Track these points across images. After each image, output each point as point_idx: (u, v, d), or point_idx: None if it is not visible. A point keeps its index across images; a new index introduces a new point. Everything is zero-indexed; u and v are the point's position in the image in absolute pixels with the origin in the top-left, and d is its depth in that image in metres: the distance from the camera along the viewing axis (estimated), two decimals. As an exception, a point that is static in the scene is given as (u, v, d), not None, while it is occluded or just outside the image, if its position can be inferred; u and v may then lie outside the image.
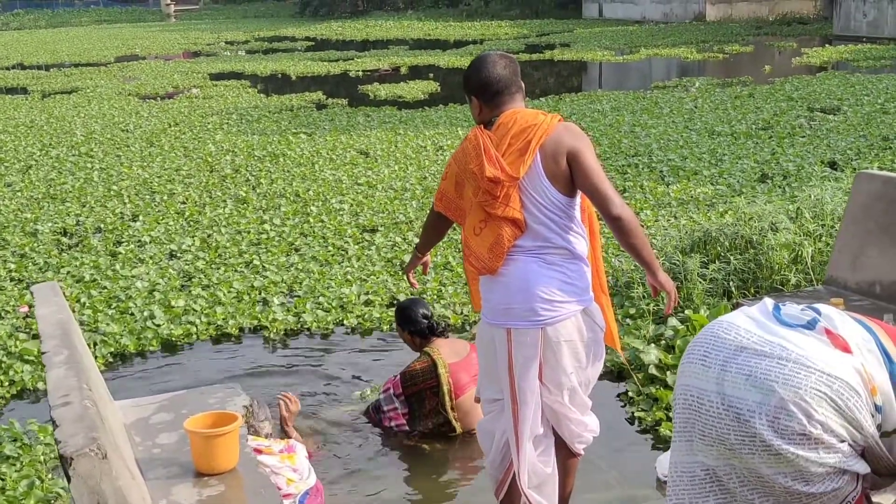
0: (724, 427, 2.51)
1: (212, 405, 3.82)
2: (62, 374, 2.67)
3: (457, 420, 4.67)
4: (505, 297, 3.37)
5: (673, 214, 8.12)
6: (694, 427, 2.60)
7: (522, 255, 3.36)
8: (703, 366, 2.58)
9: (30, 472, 4.29)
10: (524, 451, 3.47)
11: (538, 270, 3.33)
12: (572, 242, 3.39)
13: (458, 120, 13.89)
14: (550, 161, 3.31)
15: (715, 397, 2.53)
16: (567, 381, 3.44)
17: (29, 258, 7.73)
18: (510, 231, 3.32)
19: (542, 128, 3.32)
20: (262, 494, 3.24)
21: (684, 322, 5.51)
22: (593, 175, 3.29)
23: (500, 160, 3.31)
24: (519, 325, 3.35)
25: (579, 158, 3.29)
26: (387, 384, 4.83)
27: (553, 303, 3.32)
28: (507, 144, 3.34)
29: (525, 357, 3.36)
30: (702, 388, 2.56)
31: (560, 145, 3.31)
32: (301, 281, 6.98)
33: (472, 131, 3.44)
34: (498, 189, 3.30)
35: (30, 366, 5.66)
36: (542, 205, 3.33)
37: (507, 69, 3.45)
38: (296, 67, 22.83)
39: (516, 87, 3.46)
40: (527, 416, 3.42)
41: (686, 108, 13.96)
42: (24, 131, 14.21)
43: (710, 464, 2.59)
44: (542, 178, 3.32)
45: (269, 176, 10.44)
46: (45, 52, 29.86)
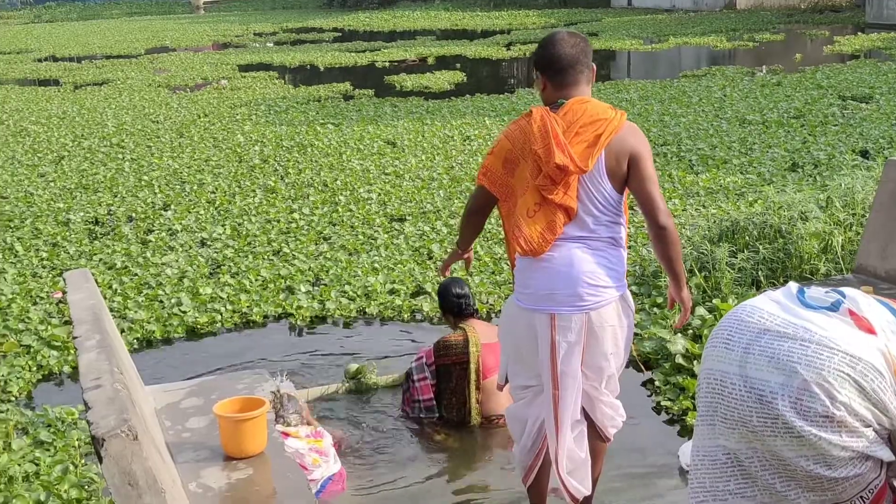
0: (746, 409, 2.51)
1: (240, 390, 3.87)
2: (94, 358, 2.72)
3: (478, 402, 4.69)
4: (548, 283, 3.37)
5: (702, 203, 8.08)
6: (716, 410, 2.60)
7: (565, 241, 3.37)
8: (726, 349, 2.58)
9: (63, 457, 4.36)
10: (563, 436, 3.48)
11: (582, 256, 3.35)
12: (614, 232, 3.43)
13: (485, 110, 13.88)
14: (612, 159, 3.34)
15: (737, 379, 2.53)
16: (607, 367, 3.47)
17: (61, 246, 7.84)
18: (562, 217, 3.35)
19: (613, 124, 3.34)
20: (290, 478, 3.28)
21: (712, 311, 5.49)
22: (649, 182, 3.35)
23: (569, 148, 3.31)
24: (563, 310, 3.35)
25: (640, 163, 3.35)
26: (420, 353, 4.88)
27: (597, 287, 3.35)
28: (575, 133, 3.34)
29: (569, 343, 3.37)
30: (725, 370, 2.57)
31: (625, 145, 3.34)
32: (328, 269, 7.02)
33: (535, 111, 3.42)
34: (562, 176, 3.31)
35: (57, 351, 5.75)
36: (595, 198, 3.36)
37: (576, 48, 3.44)
38: (323, 58, 22.88)
39: (583, 66, 3.45)
40: (568, 401, 3.43)
41: (715, 96, 13.87)
42: (56, 122, 14.36)
43: (731, 447, 2.59)
44: (601, 173, 3.35)
45: (296, 166, 10.49)
46: (77, 45, 30.11)
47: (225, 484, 3.23)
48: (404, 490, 4.26)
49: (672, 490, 4.13)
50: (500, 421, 4.70)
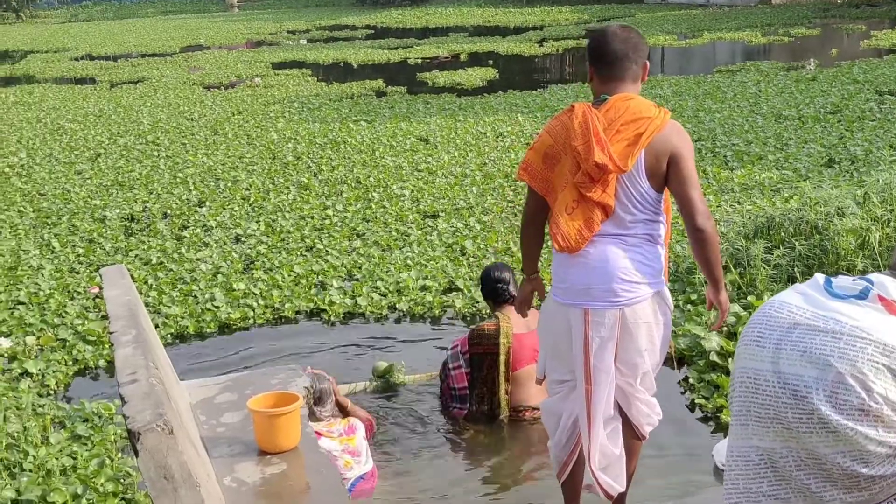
0: (781, 406, 2.48)
1: (274, 386, 3.89)
2: (130, 353, 2.74)
3: (507, 393, 4.68)
4: (584, 278, 3.36)
5: (737, 200, 8.02)
6: (750, 409, 2.57)
7: (602, 237, 3.36)
8: (757, 346, 2.55)
9: (100, 451, 4.40)
10: (596, 432, 3.47)
11: (617, 252, 3.34)
12: (651, 229, 3.40)
13: (518, 106, 13.84)
14: (653, 158, 3.31)
15: (771, 376, 2.50)
16: (642, 364, 3.44)
17: (97, 243, 7.92)
18: (600, 215, 3.33)
19: (655, 123, 3.31)
20: (323, 473, 3.30)
21: (747, 308, 5.45)
22: (689, 183, 3.30)
23: (609, 146, 3.29)
24: (597, 305, 3.34)
25: (680, 164, 3.31)
26: (455, 342, 4.90)
27: (632, 284, 3.33)
28: (616, 131, 3.31)
29: (602, 338, 3.36)
30: (757, 368, 2.54)
31: (666, 145, 3.31)
32: (360, 265, 7.05)
33: (576, 107, 3.40)
34: (601, 175, 3.29)
35: (92, 346, 5.82)
36: (634, 197, 3.34)
37: (625, 43, 3.42)
38: (356, 56, 22.95)
39: (631, 62, 3.42)
40: (600, 397, 3.42)
41: (750, 92, 13.74)
42: (93, 120, 14.51)
43: (765, 447, 2.56)
44: (640, 173, 3.32)
45: (329, 163, 10.53)
46: (113, 43, 30.40)
47: (259, 479, 3.25)
48: (434, 486, 4.27)
49: (706, 488, 4.10)
50: (527, 413, 4.69)
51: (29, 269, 7.24)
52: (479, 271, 6.72)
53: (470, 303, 6.26)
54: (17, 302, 6.58)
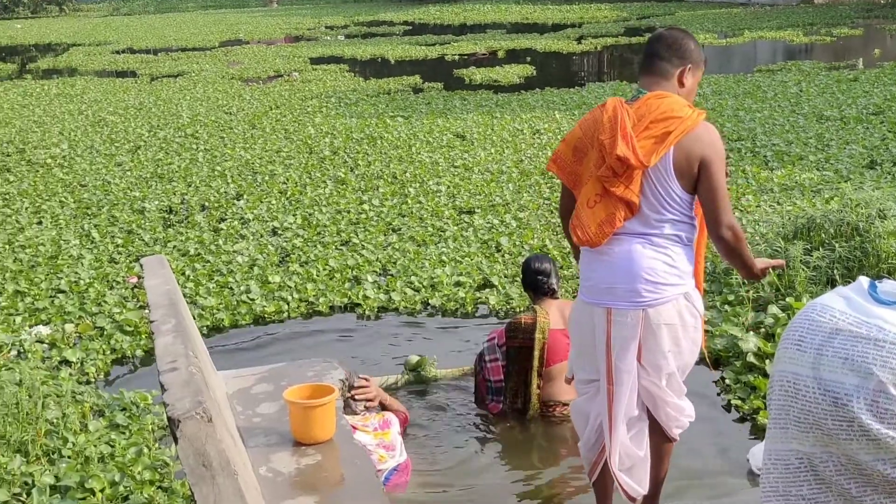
0: (820, 412, 2.45)
1: (310, 378, 3.91)
2: (170, 342, 2.77)
3: (539, 388, 4.67)
4: (608, 277, 3.33)
5: (776, 200, 7.94)
6: (789, 413, 2.54)
7: (628, 236, 3.32)
8: (798, 350, 2.52)
9: (138, 440, 4.45)
10: (617, 432, 3.44)
11: (643, 251, 3.29)
12: (680, 229, 3.35)
13: (555, 104, 13.81)
14: (682, 158, 3.27)
15: (811, 382, 2.47)
16: (666, 365, 3.39)
17: (136, 234, 8.01)
18: (623, 212, 3.29)
19: (686, 123, 3.26)
20: (358, 465, 3.31)
21: (785, 310, 5.39)
22: (716, 191, 3.28)
23: (634, 141, 3.25)
24: (620, 305, 3.31)
25: (710, 169, 3.27)
26: (491, 334, 4.88)
27: (656, 284, 3.28)
28: (645, 127, 3.27)
29: (623, 338, 3.33)
30: (797, 372, 2.50)
31: (697, 146, 3.27)
32: (395, 260, 7.06)
33: (609, 102, 3.38)
34: (623, 169, 3.27)
35: (129, 336, 5.88)
36: (662, 196, 3.30)
37: (665, 42, 3.43)
38: (394, 51, 23.00)
39: (667, 61, 3.41)
40: (621, 397, 3.39)
41: (791, 91, 13.61)
42: (133, 113, 14.66)
43: (805, 451, 2.53)
44: (669, 172, 3.28)
45: (366, 158, 10.56)
46: (154, 37, 30.70)
47: (294, 469, 3.27)
48: (465, 482, 4.26)
49: (741, 491, 4.06)
50: (557, 408, 4.68)
51: (69, 259, 7.33)
52: (514, 268, 6.71)
53: (504, 300, 6.25)
54: (58, 290, 6.67)
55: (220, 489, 2.21)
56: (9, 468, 3.97)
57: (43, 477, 3.93)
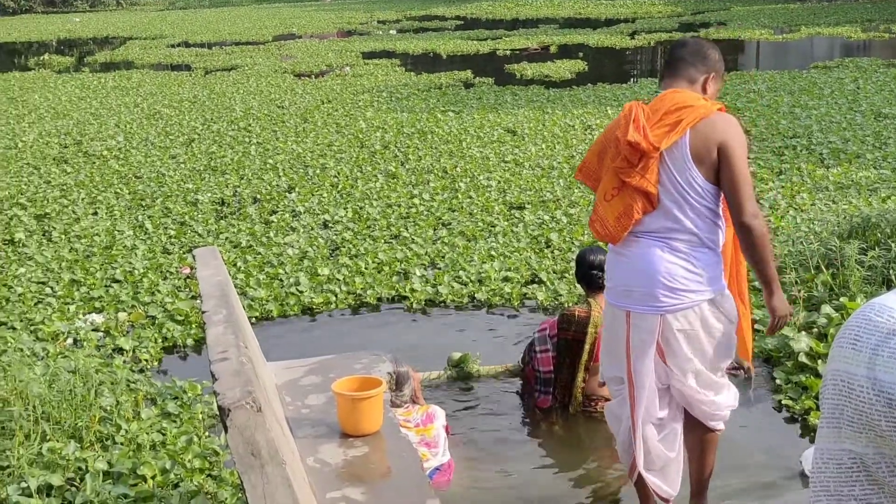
0: (874, 413, 2.41)
1: (358, 370, 3.94)
2: (221, 332, 2.80)
3: (584, 381, 4.65)
4: (626, 279, 3.33)
5: (831, 199, 7.82)
6: (843, 413, 2.50)
7: (647, 237, 3.29)
8: (853, 349, 2.48)
9: (189, 428, 4.51)
10: (640, 433, 3.44)
11: (661, 255, 3.25)
12: (703, 230, 3.28)
13: (607, 99, 13.72)
14: (700, 144, 3.23)
15: (865, 382, 2.43)
16: (690, 366, 3.36)
17: (188, 225, 8.11)
18: (641, 204, 3.26)
19: (699, 111, 3.25)
20: (404, 458, 3.33)
21: (839, 310, 5.31)
22: (738, 176, 3.22)
23: (646, 128, 3.25)
24: (637, 308, 3.30)
25: (728, 153, 3.22)
26: (543, 324, 4.87)
27: (675, 290, 3.25)
28: (659, 119, 3.27)
29: (642, 340, 3.32)
30: (852, 372, 2.47)
31: (714, 132, 3.23)
32: (444, 254, 7.07)
33: (628, 104, 3.41)
34: (636, 156, 3.24)
35: (180, 325, 5.96)
36: (680, 183, 3.25)
37: (694, 51, 3.46)
38: (445, 46, 23.00)
39: (688, 65, 3.43)
40: (641, 399, 3.39)
41: (848, 88, 13.38)
42: (187, 106, 14.84)
43: (858, 451, 2.49)
44: (686, 158, 3.24)
45: (417, 152, 10.58)
46: (208, 31, 31.05)
47: (341, 460, 3.30)
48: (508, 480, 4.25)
49: (791, 492, 4.01)
50: (599, 403, 4.65)
51: (123, 249, 7.45)
52: (563, 264, 6.69)
53: (552, 295, 6.23)
54: (113, 280, 6.79)
55: (268, 478, 2.23)
56: (63, 453, 4.04)
57: (96, 463, 4.00)
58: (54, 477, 3.87)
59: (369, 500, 3.04)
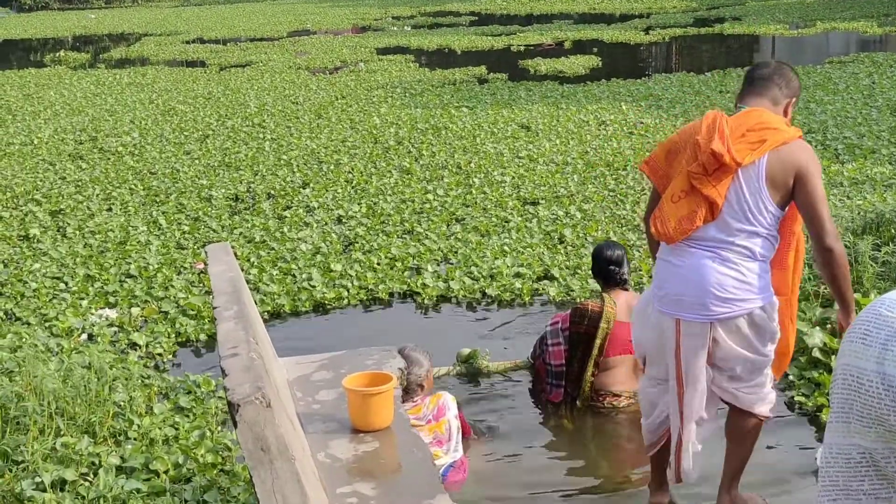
0: (883, 408, 2.40)
1: (369, 366, 3.94)
2: (231, 328, 2.82)
3: (593, 376, 4.64)
4: (678, 288, 3.40)
5: (846, 194, 7.78)
6: (852, 407, 2.50)
7: (699, 247, 3.37)
8: (863, 345, 2.48)
9: (201, 423, 4.54)
10: (688, 431, 3.52)
11: (713, 266, 3.34)
12: (759, 245, 3.36)
13: (621, 95, 13.68)
14: (778, 168, 3.31)
15: (875, 377, 2.42)
16: (737, 365, 3.47)
17: (202, 221, 8.14)
18: (704, 212, 3.33)
19: (782, 134, 3.34)
20: (415, 453, 3.33)
21: (853, 305, 5.28)
22: (818, 202, 3.31)
23: (730, 142, 3.32)
24: (688, 316, 3.38)
25: (808, 180, 3.31)
26: (555, 318, 4.86)
27: (725, 300, 3.34)
28: (741, 135, 3.35)
29: (693, 346, 3.41)
30: (861, 367, 2.46)
31: (794, 158, 3.32)
32: (457, 250, 7.08)
33: (710, 112, 3.48)
34: (714, 166, 3.31)
35: (193, 320, 5.98)
36: (748, 202, 3.32)
37: (781, 74, 3.54)
38: (459, 42, 22.99)
39: (774, 85, 3.51)
40: (692, 400, 3.48)
41: (863, 83, 13.30)
42: (202, 102, 14.89)
43: (867, 446, 2.49)
44: (761, 179, 3.32)
45: (430, 148, 10.59)
46: (223, 27, 31.13)
47: (352, 456, 3.31)
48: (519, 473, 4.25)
49: (803, 488, 4.00)
50: (608, 398, 4.65)
51: (137, 245, 7.49)
52: (576, 260, 6.68)
53: (564, 291, 6.22)
54: (127, 275, 6.82)
55: (277, 473, 2.24)
56: (77, 448, 4.07)
57: (109, 458, 4.03)
58: (68, 472, 3.90)
59: (379, 496, 3.04)
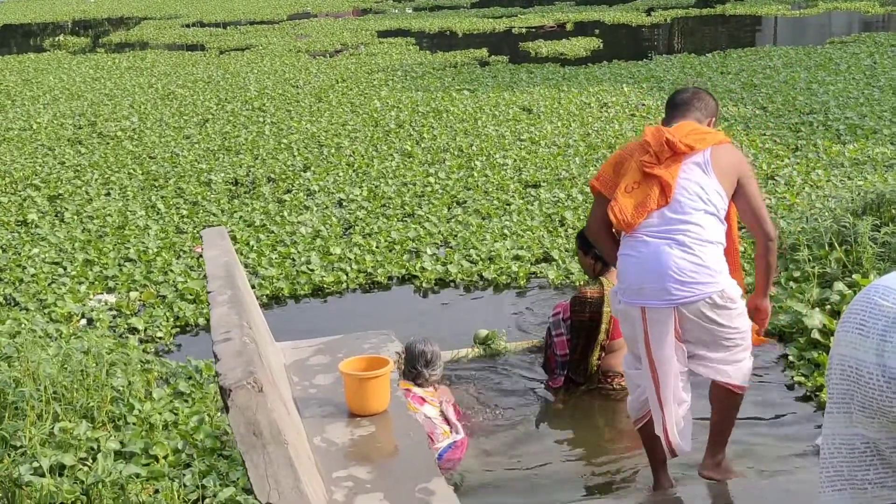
0: (885, 399, 2.37)
1: (366, 350, 3.94)
2: (225, 312, 2.81)
3: (599, 359, 4.65)
4: (639, 277, 3.48)
5: (847, 175, 7.75)
6: (853, 398, 2.47)
7: (655, 236, 3.48)
8: (860, 335, 2.44)
9: (201, 408, 4.52)
10: (669, 411, 3.56)
11: (670, 252, 3.44)
12: (709, 227, 3.49)
13: (623, 77, 13.63)
14: (722, 161, 3.55)
15: (875, 369, 2.39)
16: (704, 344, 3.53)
17: (200, 205, 8.13)
18: (657, 194, 3.49)
19: (718, 136, 3.63)
20: (411, 437, 3.33)
21: (851, 286, 5.27)
22: (757, 199, 3.60)
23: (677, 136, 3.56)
24: (651, 303, 3.46)
25: (750, 179, 3.60)
26: (556, 308, 4.85)
27: (685, 283, 3.42)
28: (685, 134, 3.59)
29: (659, 332, 3.48)
30: (860, 358, 2.43)
31: (734, 157, 3.62)
32: (457, 233, 7.06)
33: (648, 127, 3.70)
34: (667, 154, 3.52)
35: (192, 304, 5.98)
36: (698, 183, 3.53)
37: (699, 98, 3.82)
38: (461, 24, 22.88)
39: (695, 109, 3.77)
40: (668, 380, 3.53)
41: (865, 63, 13.24)
42: (202, 86, 14.84)
43: (870, 436, 2.46)
44: (707, 164, 3.54)
45: (431, 132, 10.55)
46: (223, 11, 30.97)
47: (348, 440, 3.31)
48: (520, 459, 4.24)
49: (803, 468, 3.99)
50: (615, 379, 4.65)
51: (135, 229, 7.48)
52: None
53: (563, 274, 6.21)
54: (126, 259, 6.81)
55: (270, 457, 2.24)
56: (75, 434, 4.06)
57: (108, 443, 4.02)
58: (66, 456, 3.89)
59: (375, 479, 3.04)
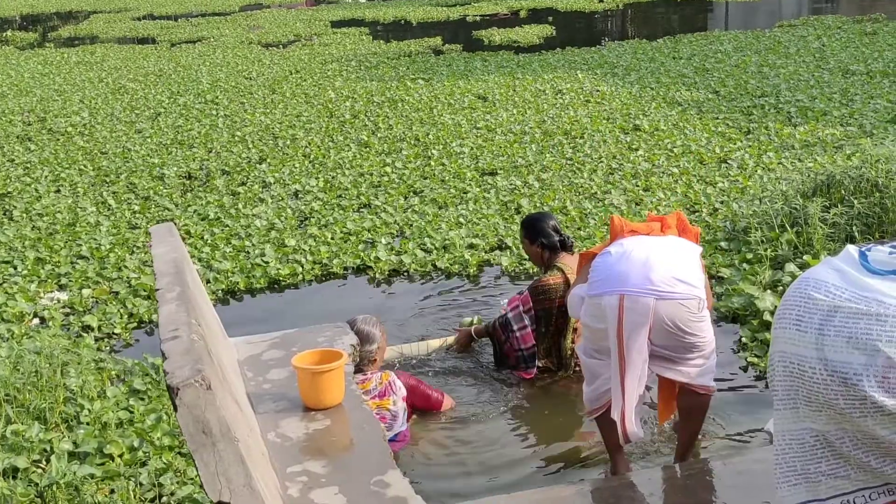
0: (831, 393, 2.39)
1: (320, 343, 3.92)
2: (173, 310, 2.78)
3: (573, 343, 4.65)
4: (624, 267, 3.51)
5: (797, 157, 7.84)
6: (798, 394, 2.49)
7: (650, 241, 3.61)
8: (798, 331, 2.45)
9: (157, 405, 4.47)
10: (630, 402, 3.56)
11: (661, 252, 3.54)
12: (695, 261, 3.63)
13: (577, 63, 13.67)
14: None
15: (817, 363, 2.41)
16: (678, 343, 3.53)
17: (152, 200, 8.03)
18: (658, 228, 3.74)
19: None
20: (366, 429, 3.32)
21: (803, 268, 5.34)
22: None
23: None
24: (630, 291, 3.44)
25: None
26: (513, 301, 4.79)
27: (670, 278, 3.45)
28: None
29: (634, 322, 3.45)
30: (801, 354, 2.44)
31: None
32: (413, 223, 7.05)
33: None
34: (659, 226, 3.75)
35: (146, 300, 5.92)
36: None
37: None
38: (415, 13, 22.83)
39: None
40: (634, 376, 3.53)
41: (813, 46, 13.40)
42: (153, 80, 14.67)
43: (819, 429, 2.48)
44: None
45: (387, 121, 10.52)
46: (174, 3, 30.63)
47: (303, 434, 3.29)
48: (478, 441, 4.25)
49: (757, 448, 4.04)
50: None
51: (87, 226, 7.38)
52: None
53: (517, 261, 6.22)
54: (79, 256, 6.72)
55: (220, 455, 2.22)
56: (27, 436, 4.01)
57: (61, 444, 3.97)
58: (19, 459, 3.84)
59: (330, 473, 3.03)
